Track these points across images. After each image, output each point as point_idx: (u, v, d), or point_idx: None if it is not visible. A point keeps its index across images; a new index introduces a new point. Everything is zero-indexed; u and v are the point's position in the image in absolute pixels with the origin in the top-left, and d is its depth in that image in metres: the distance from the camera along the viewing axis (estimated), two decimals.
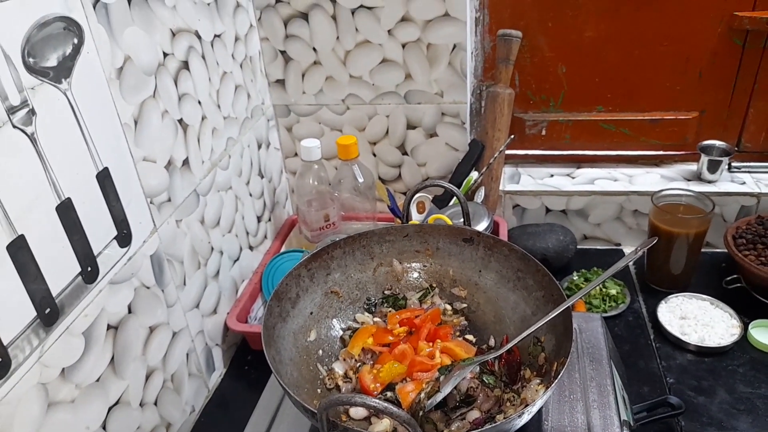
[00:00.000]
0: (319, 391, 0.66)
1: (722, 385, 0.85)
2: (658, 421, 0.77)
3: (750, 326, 0.92)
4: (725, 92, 1.07)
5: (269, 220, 1.13)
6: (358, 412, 0.62)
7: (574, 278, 1.05)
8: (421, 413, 0.59)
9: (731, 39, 1.01)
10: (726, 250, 0.98)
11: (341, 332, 0.73)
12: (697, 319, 0.94)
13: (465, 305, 0.75)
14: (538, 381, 0.62)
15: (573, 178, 1.16)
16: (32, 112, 0.55)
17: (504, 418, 0.59)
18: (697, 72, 1.05)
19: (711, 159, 1.09)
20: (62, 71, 0.58)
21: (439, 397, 0.59)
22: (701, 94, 1.07)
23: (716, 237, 1.09)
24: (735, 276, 0.99)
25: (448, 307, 0.75)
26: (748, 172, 1.12)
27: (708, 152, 1.10)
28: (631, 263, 1.10)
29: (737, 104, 1.07)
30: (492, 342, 0.71)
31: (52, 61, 0.57)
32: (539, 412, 0.63)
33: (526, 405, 0.58)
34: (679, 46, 1.03)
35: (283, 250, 1.12)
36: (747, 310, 0.95)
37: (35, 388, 0.56)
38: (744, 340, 0.91)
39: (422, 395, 0.60)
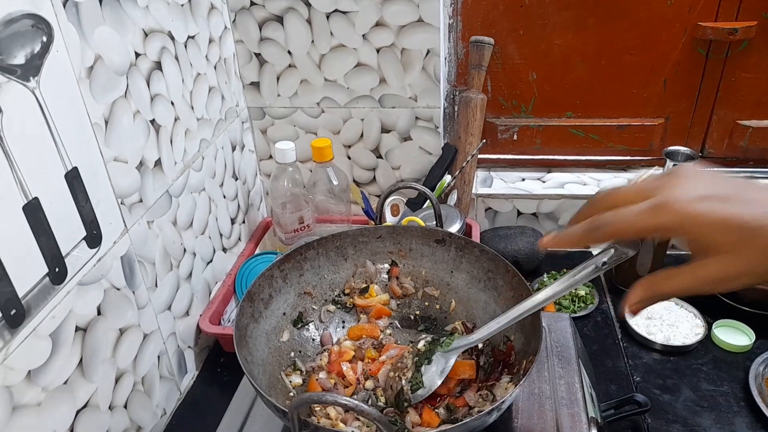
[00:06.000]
0: (291, 393, 0.66)
1: (687, 383, 0.87)
2: (625, 418, 0.79)
3: (713, 326, 0.95)
4: (689, 100, 1.10)
5: (243, 222, 1.12)
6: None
7: (544, 279, 1.07)
8: (406, 405, 0.60)
9: (695, 48, 1.04)
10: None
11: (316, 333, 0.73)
12: (663, 319, 0.97)
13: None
14: (507, 379, 0.63)
15: (543, 182, 1.18)
16: None
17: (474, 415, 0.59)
18: (662, 80, 1.08)
19: (676, 164, 1.12)
20: (30, 69, 0.58)
21: (426, 392, 0.60)
22: (666, 101, 1.10)
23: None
24: None
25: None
26: None
27: (673, 157, 1.12)
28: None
29: (701, 111, 1.11)
30: None
31: (19, 58, 0.56)
32: (509, 409, 0.64)
33: (495, 402, 0.59)
34: (645, 55, 1.06)
35: (257, 252, 1.12)
36: (710, 311, 0.97)
37: None
38: (708, 339, 0.94)
39: (404, 383, 0.61)
